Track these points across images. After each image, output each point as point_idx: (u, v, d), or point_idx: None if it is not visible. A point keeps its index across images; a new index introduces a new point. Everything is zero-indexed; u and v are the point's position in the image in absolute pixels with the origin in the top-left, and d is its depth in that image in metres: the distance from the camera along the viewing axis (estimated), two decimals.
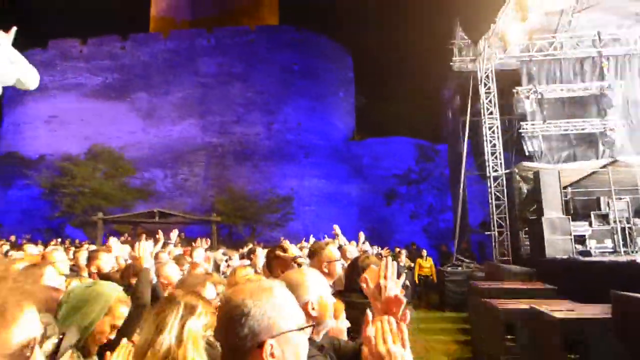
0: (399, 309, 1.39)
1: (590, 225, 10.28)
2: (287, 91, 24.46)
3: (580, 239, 9.99)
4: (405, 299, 1.40)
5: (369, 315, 1.13)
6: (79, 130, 24.02)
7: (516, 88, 12.54)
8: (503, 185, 12.30)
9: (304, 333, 1.14)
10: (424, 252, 12.54)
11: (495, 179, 12.39)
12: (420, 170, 23.96)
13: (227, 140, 23.94)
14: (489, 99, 12.80)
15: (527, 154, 12.48)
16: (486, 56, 12.78)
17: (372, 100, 29.57)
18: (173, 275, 3.78)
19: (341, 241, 7.31)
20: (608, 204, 10.49)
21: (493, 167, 12.43)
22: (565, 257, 9.20)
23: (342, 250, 3.93)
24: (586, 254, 9.49)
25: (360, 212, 23.44)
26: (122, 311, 1.86)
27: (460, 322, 9.66)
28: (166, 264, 4.02)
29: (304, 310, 1.38)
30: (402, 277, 1.62)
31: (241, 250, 11.53)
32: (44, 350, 1.44)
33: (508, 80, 13.21)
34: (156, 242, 7.11)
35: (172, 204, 22.35)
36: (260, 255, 6.06)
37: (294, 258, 2.71)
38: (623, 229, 10.11)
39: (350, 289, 2.57)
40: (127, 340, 1.66)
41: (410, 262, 11.89)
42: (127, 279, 3.46)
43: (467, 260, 12.36)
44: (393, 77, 31.11)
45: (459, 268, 11.68)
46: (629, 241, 10.04)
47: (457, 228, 13.50)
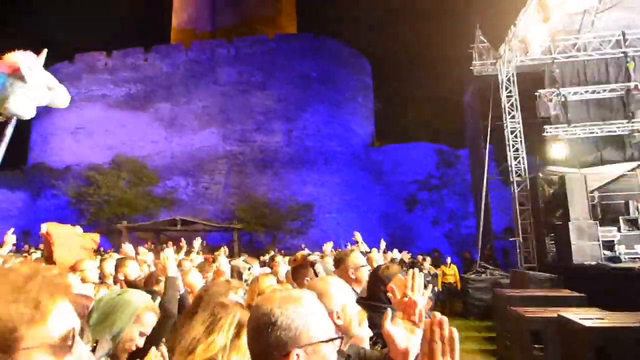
0: (418, 320, 1.39)
1: (618, 230, 9.98)
2: (306, 98, 24.59)
3: (608, 245, 9.69)
4: (425, 315, 1.40)
5: (389, 314, 1.13)
6: (104, 140, 24.60)
7: (539, 91, 12.30)
8: (527, 191, 12.05)
9: (332, 344, 1.13)
10: (448, 259, 12.37)
11: (519, 184, 12.15)
12: (442, 175, 23.70)
13: (248, 148, 24.16)
14: (510, 102, 12.60)
15: (552, 158, 12.22)
16: (507, 59, 12.61)
17: (391, 106, 29.53)
18: (196, 282, 3.84)
19: (362, 248, 7.30)
20: (637, 208, 10.19)
21: (516, 172, 12.20)
22: (593, 264, 8.94)
23: (368, 257, 3.94)
24: (615, 260, 9.20)
25: (381, 219, 23.31)
26: (151, 319, 1.89)
27: (485, 331, 9.49)
28: (189, 271, 4.08)
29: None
30: (429, 289, 1.61)
31: (262, 258, 11.60)
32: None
33: (530, 83, 12.97)
34: (179, 250, 7.23)
35: (194, 211, 22.65)
36: (281, 263, 6.09)
37: (313, 264, 2.72)
38: None
39: (373, 298, 2.56)
40: (155, 348, 1.68)
41: (434, 269, 11.78)
42: (150, 286, 3.52)
43: (491, 267, 12.13)
44: (412, 83, 31.04)
45: (483, 275, 11.47)
46: None
47: (480, 234, 13.28)
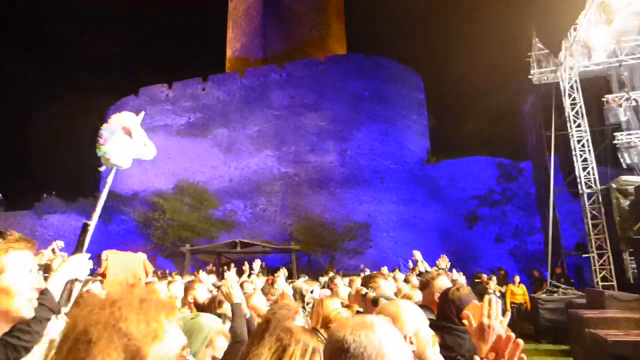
0: (513, 352, 1.28)
1: None
2: (359, 117, 24.67)
3: None
4: (521, 342, 1.29)
5: None
6: (167, 167, 25.86)
7: (606, 96, 11.62)
8: (599, 203, 11.25)
9: None
10: (516, 278, 11.73)
11: (590, 196, 11.38)
12: (503, 190, 22.73)
13: (302, 169, 24.49)
14: (575, 110, 11.95)
15: (625, 166, 11.42)
16: (568, 65, 12.03)
17: (446, 121, 28.97)
18: (261, 305, 3.88)
19: (422, 268, 7.09)
20: None
21: (586, 184, 11.46)
22: None
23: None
24: None
25: (440, 237, 22.65)
26: (222, 343, 1.92)
27: (559, 355, 8.89)
28: (253, 294, 4.14)
29: None
30: (508, 316, 1.52)
31: (321, 279, 11.58)
32: None
33: (595, 88, 12.29)
34: (242, 273, 7.38)
35: (252, 233, 23.12)
36: (340, 285, 6.04)
37: (363, 295, 2.66)
38: None
39: (444, 319, 2.50)
40: None
41: (500, 289, 11.20)
42: (214, 309, 3.59)
43: (564, 286, 11.36)
44: (466, 96, 30.39)
45: (555, 295, 10.76)
46: None
47: (549, 251, 12.51)
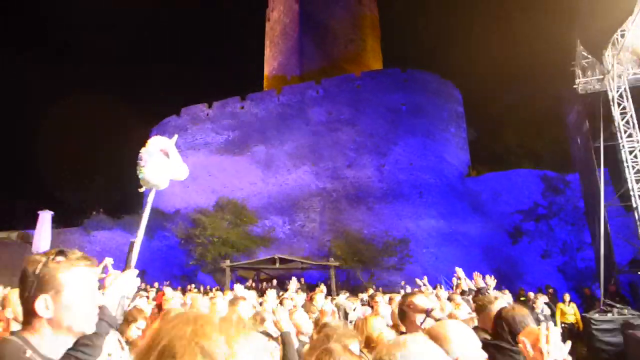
0: None
1: None
2: (397, 131, 24.46)
3: None
4: None
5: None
6: (208, 184, 26.47)
7: None
8: None
9: None
10: (566, 297, 11.12)
11: None
12: (549, 204, 21.77)
13: (340, 184, 24.44)
14: (625, 119, 11.39)
15: None
16: (616, 73, 11.51)
17: (486, 133, 28.24)
18: (303, 323, 3.84)
19: (464, 285, 6.84)
20: None
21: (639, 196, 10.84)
22: None
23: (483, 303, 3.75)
24: None
25: (483, 252, 21.91)
26: None
27: None
28: (296, 311, 4.11)
29: None
30: (568, 345, 1.45)
31: (361, 296, 11.42)
32: None
33: None
34: (285, 291, 7.39)
35: (291, 249, 23.18)
36: (381, 302, 5.90)
37: (428, 311, 2.57)
38: None
39: (497, 338, 2.47)
40: None
41: (548, 308, 10.62)
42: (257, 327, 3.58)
43: (619, 305, 10.68)
44: (507, 107, 29.55)
45: (609, 314, 10.12)
46: None
47: (601, 268, 11.84)
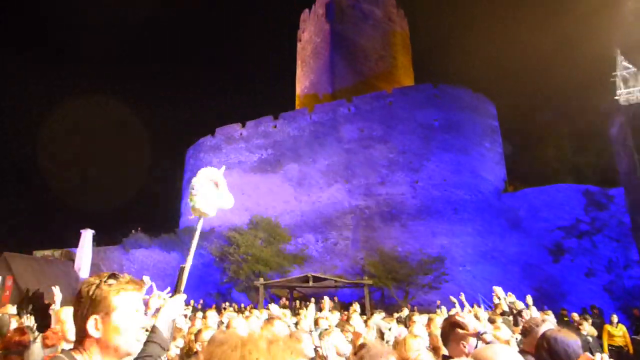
0: None
1: None
2: (430, 148, 24.20)
3: None
4: None
5: None
6: (241, 202, 26.79)
7: None
8: None
9: None
10: (614, 318, 10.57)
11: None
12: (592, 220, 20.89)
13: (373, 201, 24.26)
14: None
15: None
16: None
17: (523, 148, 27.54)
18: (340, 344, 3.78)
19: (504, 306, 6.58)
20: None
21: None
22: None
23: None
24: None
25: (522, 271, 21.16)
26: None
27: None
28: (332, 332, 4.05)
29: None
30: None
31: (396, 315, 11.18)
32: None
33: None
34: (320, 309, 7.32)
35: (324, 267, 23.07)
36: (418, 323, 5.74)
37: (479, 335, 2.47)
38: None
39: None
40: None
41: (595, 331, 10.09)
42: None
43: None
44: (544, 120, 28.83)
45: None
46: None
47: None
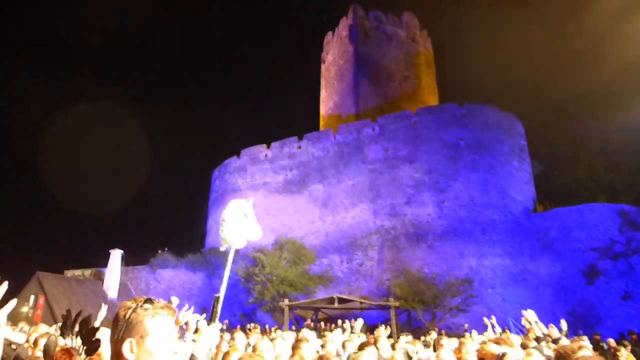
0: None
1: None
2: (456, 167, 23.93)
3: None
4: None
5: None
6: (267, 223, 26.92)
7: None
8: None
9: None
10: None
11: None
12: (628, 240, 20.11)
13: (399, 222, 24.01)
14: None
15: None
16: None
17: (553, 167, 26.95)
18: None
19: (537, 331, 6.34)
20: None
21: None
22: None
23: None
24: None
25: (555, 293, 20.46)
26: None
27: None
28: (362, 354, 4.00)
29: None
30: None
31: (423, 339, 10.90)
32: None
33: None
34: (344, 331, 7.24)
35: (349, 288, 22.82)
36: (446, 346, 5.58)
37: (500, 357, 2.39)
38: None
39: None
40: None
41: (634, 358, 9.58)
42: None
43: None
44: (574, 138, 28.20)
45: None
46: None
47: None
